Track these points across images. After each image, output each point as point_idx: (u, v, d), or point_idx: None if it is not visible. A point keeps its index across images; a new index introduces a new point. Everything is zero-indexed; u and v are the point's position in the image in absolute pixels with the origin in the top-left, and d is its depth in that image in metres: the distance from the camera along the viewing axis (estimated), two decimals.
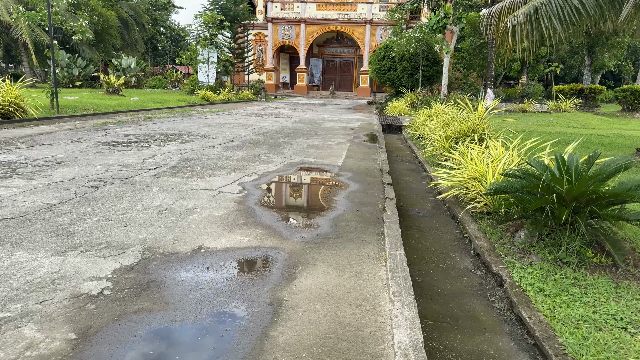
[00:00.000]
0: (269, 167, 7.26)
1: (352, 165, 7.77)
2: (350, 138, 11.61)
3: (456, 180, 5.92)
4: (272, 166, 7.33)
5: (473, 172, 5.98)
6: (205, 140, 9.82)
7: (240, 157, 7.93)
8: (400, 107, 20.81)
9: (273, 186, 6.12)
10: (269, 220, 4.54)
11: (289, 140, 10.54)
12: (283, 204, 5.38)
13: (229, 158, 7.82)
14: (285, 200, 5.54)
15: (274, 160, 7.88)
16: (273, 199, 5.53)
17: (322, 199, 5.61)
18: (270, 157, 8.09)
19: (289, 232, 4.21)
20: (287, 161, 7.84)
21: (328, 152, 9.05)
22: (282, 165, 7.48)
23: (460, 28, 21.18)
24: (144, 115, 15.40)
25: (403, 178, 8.15)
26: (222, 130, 11.77)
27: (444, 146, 9.19)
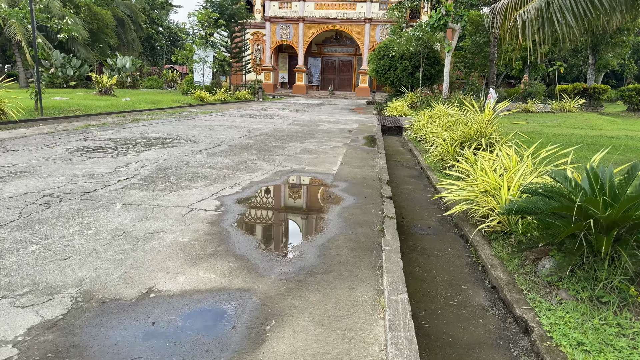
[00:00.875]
0: (254, 176, 6.46)
1: (348, 174, 6.98)
2: (348, 141, 10.81)
3: (465, 195, 5.12)
4: (259, 175, 6.54)
5: (484, 184, 5.19)
6: (190, 144, 9.03)
7: (224, 165, 7.14)
8: (400, 107, 20.01)
9: (256, 201, 5.33)
10: (244, 247, 3.75)
11: (282, 144, 9.75)
12: (264, 225, 4.59)
13: (211, 166, 7.02)
14: (267, 220, 4.75)
15: (262, 168, 7.09)
16: (253, 218, 4.74)
17: (311, 218, 4.82)
18: (258, 165, 7.30)
19: (266, 264, 3.42)
20: (277, 169, 7.05)
21: (322, 158, 8.26)
22: (269, 174, 6.69)
23: (462, 26, 20.40)
24: (132, 117, 14.60)
25: (404, 187, 7.36)
26: (211, 133, 10.97)
27: (448, 151, 8.40)
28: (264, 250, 3.72)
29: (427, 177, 8.12)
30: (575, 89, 29.22)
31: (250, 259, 3.52)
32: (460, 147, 8.47)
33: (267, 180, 6.29)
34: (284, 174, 6.77)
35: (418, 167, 9.22)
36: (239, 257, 3.53)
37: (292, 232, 4.44)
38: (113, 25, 36.43)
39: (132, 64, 31.63)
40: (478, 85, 29.93)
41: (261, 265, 3.39)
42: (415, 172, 8.79)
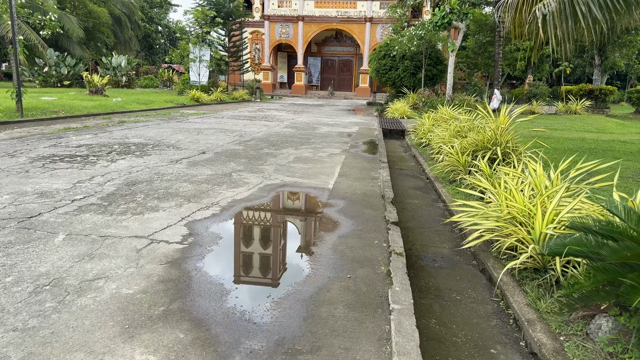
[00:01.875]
0: (237, 193, 5.51)
1: (347, 189, 6.03)
2: (347, 147, 9.85)
3: (488, 224, 4.17)
4: (243, 191, 5.58)
5: (510, 209, 4.25)
6: (171, 151, 8.07)
7: (204, 178, 6.18)
8: (402, 109, 19.05)
9: (233, 229, 4.37)
10: (206, 304, 2.80)
11: (274, 150, 8.79)
12: (239, 266, 3.62)
13: (189, 179, 6.06)
14: (244, 258, 3.79)
15: (248, 181, 6.14)
16: (226, 255, 3.78)
17: (298, 253, 3.86)
18: (243, 177, 6.34)
19: (231, 336, 2.46)
20: (265, 183, 6.10)
21: (318, 168, 7.30)
22: (256, 189, 5.73)
23: (466, 24, 19.45)
24: (118, 119, 13.64)
25: (410, 202, 6.41)
26: (198, 138, 10.01)
27: (458, 161, 7.45)
28: (232, 309, 2.76)
29: (435, 190, 7.17)
30: (581, 90, 28.22)
31: (211, 325, 2.56)
32: (472, 157, 7.54)
33: (251, 197, 5.33)
34: (272, 189, 5.81)
35: (424, 177, 8.27)
36: (196, 323, 2.58)
37: (273, 277, 3.49)
38: (109, 24, 35.45)
39: (128, 63, 30.63)
40: (481, 85, 28.97)
41: (224, 338, 2.44)
42: (421, 182, 7.83)
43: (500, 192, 4.57)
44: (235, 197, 5.29)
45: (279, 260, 3.76)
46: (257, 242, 4.09)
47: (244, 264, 3.64)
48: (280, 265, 3.68)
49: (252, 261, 3.71)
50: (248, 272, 3.54)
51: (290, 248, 4.02)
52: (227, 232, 4.18)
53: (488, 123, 8.10)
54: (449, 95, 20.40)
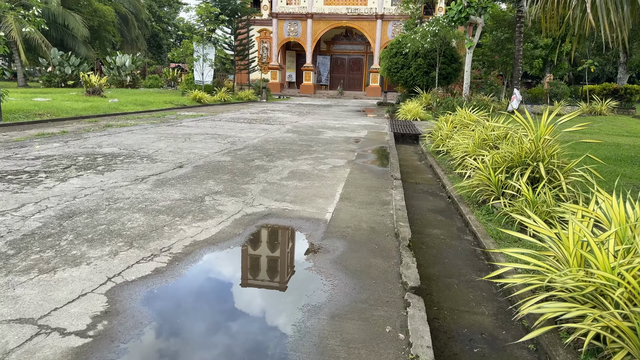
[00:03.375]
0: (203, 229, 4.10)
1: (349, 220, 4.58)
2: (353, 157, 8.40)
3: (555, 308, 2.70)
4: (211, 226, 4.17)
5: (592, 278, 2.79)
6: (142, 165, 6.69)
7: (167, 205, 4.78)
8: (414, 110, 17.48)
9: (173, 300, 2.94)
10: None
11: (267, 163, 7.37)
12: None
13: (147, 207, 4.67)
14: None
15: (223, 209, 4.72)
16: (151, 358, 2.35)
17: (268, 353, 2.43)
18: (219, 203, 4.93)
19: None
20: (243, 212, 4.68)
21: (317, 187, 5.86)
22: (229, 222, 4.32)
23: (485, 19, 17.79)
24: (104, 123, 12.34)
25: (429, 232, 4.97)
26: (182, 146, 8.63)
27: (489, 179, 5.97)
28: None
29: (461, 216, 5.69)
30: (605, 89, 26.28)
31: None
32: (506, 172, 6.05)
33: (218, 238, 3.91)
34: (251, 222, 4.39)
35: (444, 195, 6.78)
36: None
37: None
38: (115, 22, 34.36)
39: (132, 62, 29.46)
40: (497, 85, 27.22)
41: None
42: (442, 203, 6.36)
43: (568, 246, 3.10)
44: (196, 238, 3.88)
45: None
46: (205, 334, 2.66)
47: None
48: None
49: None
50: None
51: (253, 344, 2.58)
52: (164, 309, 2.75)
53: (523, 131, 6.59)
54: (466, 95, 18.78)
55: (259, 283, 3.32)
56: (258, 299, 3.02)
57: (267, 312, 2.82)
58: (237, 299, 2.99)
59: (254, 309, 2.86)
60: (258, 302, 2.97)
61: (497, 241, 4.64)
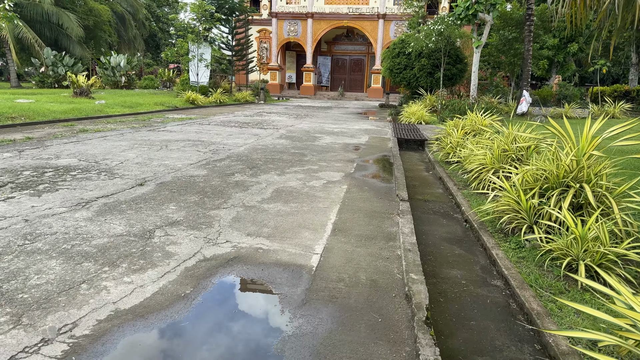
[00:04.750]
0: (138, 286, 2.87)
1: (342, 269, 3.35)
2: (351, 170, 7.16)
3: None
4: (150, 281, 2.95)
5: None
6: (95, 183, 5.46)
7: (102, 245, 3.55)
8: (419, 112, 16.24)
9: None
10: None
11: (249, 178, 6.14)
12: None
13: (70, 250, 3.44)
14: None
15: (175, 250, 3.50)
16: None
17: None
18: (171, 240, 3.70)
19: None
20: (202, 254, 3.45)
21: (304, 214, 4.63)
22: (177, 274, 3.09)
23: (494, 16, 16.53)
24: (81, 127, 11.13)
25: (447, 273, 3.77)
26: (156, 155, 7.40)
27: (517, 202, 4.75)
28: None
29: (485, 249, 4.47)
30: (616, 91, 24.98)
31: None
32: (540, 196, 4.83)
33: (154, 304, 2.68)
34: (208, 272, 3.16)
35: (459, 217, 5.54)
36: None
37: None
38: (112, 22, 33.19)
39: (128, 63, 28.27)
40: (503, 86, 25.94)
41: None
42: (458, 228, 5.13)
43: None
44: (120, 305, 2.65)
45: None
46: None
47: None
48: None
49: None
50: None
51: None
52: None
53: (565, 144, 5.34)
54: (473, 97, 17.51)
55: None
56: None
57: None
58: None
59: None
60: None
61: (538, 293, 3.41)
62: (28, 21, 29.27)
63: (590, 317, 2.93)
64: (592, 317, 2.95)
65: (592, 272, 3.72)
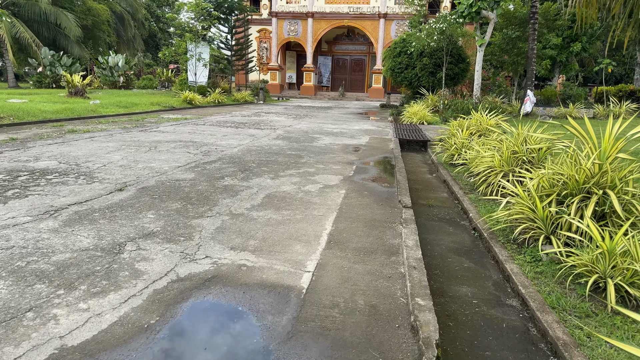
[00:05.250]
0: (94, 314, 2.40)
1: (337, 291, 2.87)
2: (350, 173, 6.69)
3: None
4: (110, 308, 2.48)
5: None
6: (70, 187, 5.00)
7: (62, 261, 3.08)
8: (420, 113, 15.76)
9: None
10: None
11: (239, 182, 5.67)
12: None
13: (24, 269, 2.94)
14: None
15: (146, 268, 3.03)
16: None
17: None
18: (143, 256, 3.23)
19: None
20: (176, 272, 2.98)
21: (297, 222, 4.16)
22: (144, 298, 2.62)
23: (498, 14, 16.04)
24: (70, 127, 10.68)
25: (457, 290, 3.30)
26: (142, 157, 6.93)
27: (532, 210, 4.28)
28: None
29: (497, 262, 4.01)
30: (621, 91, 24.46)
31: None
32: (559, 203, 4.36)
33: (110, 338, 2.20)
34: (180, 295, 2.68)
35: (467, 225, 5.07)
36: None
37: None
38: (111, 22, 32.78)
39: (126, 63, 27.83)
40: (506, 86, 25.44)
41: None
42: (465, 237, 4.66)
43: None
44: (68, 341, 2.18)
45: None
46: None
47: None
48: None
49: None
50: None
51: None
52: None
53: (574, 142, 4.87)
54: (477, 97, 17.02)
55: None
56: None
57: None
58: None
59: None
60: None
61: (562, 317, 2.96)
62: (25, 21, 28.86)
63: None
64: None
65: (623, 291, 3.26)
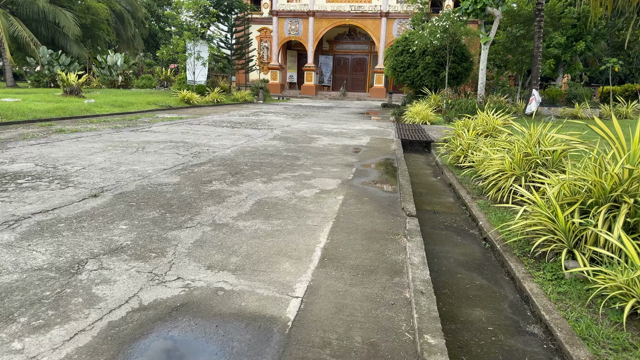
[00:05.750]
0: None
1: (330, 323, 2.36)
2: (350, 176, 6.19)
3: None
4: (46, 353, 1.98)
5: None
6: (40, 193, 4.51)
7: (4, 287, 2.57)
8: (423, 112, 15.24)
9: None
10: None
11: (228, 186, 5.18)
12: None
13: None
14: None
15: (104, 293, 2.54)
16: None
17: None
18: (104, 277, 2.73)
19: None
20: (139, 299, 2.49)
21: (287, 234, 3.67)
22: (93, 335, 2.12)
23: (503, 11, 15.52)
24: (59, 127, 10.20)
25: (469, 314, 2.78)
26: (127, 159, 6.45)
27: (552, 220, 3.79)
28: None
29: (511, 277, 3.54)
30: (627, 90, 23.91)
31: None
32: (582, 213, 3.87)
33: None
34: (138, 331, 2.19)
35: (476, 234, 4.57)
36: None
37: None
38: (110, 20, 32.32)
39: (125, 62, 27.37)
40: (509, 85, 24.90)
41: None
42: (476, 248, 4.17)
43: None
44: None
45: None
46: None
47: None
48: None
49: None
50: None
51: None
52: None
53: (597, 144, 4.37)
54: (481, 96, 16.50)
55: None
56: None
57: None
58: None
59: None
60: None
61: (595, 351, 2.47)
62: (24, 19, 28.43)
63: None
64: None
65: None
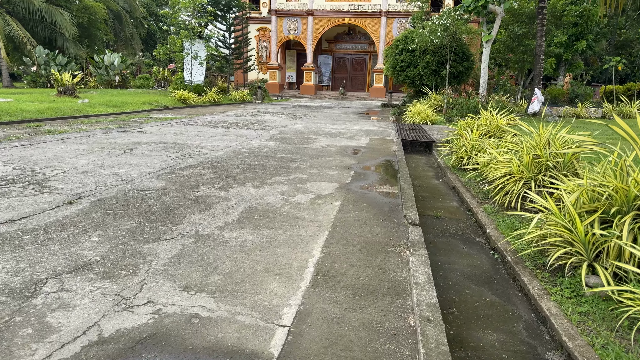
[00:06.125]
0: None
1: (319, 359, 2.03)
2: (348, 179, 5.82)
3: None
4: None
5: None
6: (11, 200, 4.13)
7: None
8: (424, 112, 14.87)
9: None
10: None
11: (217, 191, 4.81)
12: None
13: None
14: None
15: (59, 322, 2.16)
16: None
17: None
18: (63, 301, 2.35)
19: None
20: (99, 328, 2.12)
21: (277, 247, 3.30)
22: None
23: (505, 8, 15.15)
24: (47, 128, 9.83)
25: (480, 337, 2.39)
26: (112, 162, 6.08)
27: (569, 229, 3.41)
28: None
29: (525, 293, 3.15)
30: (630, 90, 23.53)
31: None
32: (602, 222, 3.50)
33: None
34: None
35: (483, 243, 4.20)
36: None
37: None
38: (107, 20, 31.95)
39: (122, 62, 26.99)
40: (511, 85, 24.52)
41: None
42: (484, 259, 3.80)
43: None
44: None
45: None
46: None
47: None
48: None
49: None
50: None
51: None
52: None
53: (618, 147, 4.00)
54: (483, 96, 16.12)
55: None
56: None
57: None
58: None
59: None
60: None
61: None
62: (20, 19, 28.06)
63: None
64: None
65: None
